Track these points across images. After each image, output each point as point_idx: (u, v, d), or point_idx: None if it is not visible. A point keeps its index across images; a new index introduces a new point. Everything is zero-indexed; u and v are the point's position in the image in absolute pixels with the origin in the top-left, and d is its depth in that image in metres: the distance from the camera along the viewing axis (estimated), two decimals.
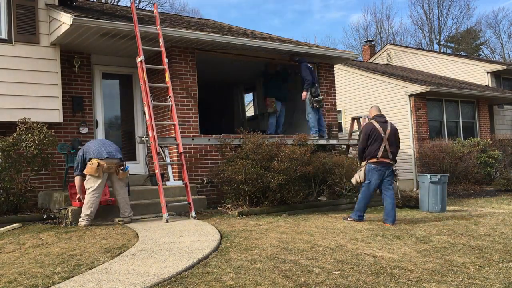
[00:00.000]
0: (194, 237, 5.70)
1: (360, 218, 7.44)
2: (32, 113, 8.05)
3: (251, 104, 16.65)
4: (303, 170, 8.52)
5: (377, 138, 7.39)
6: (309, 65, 10.66)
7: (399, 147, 7.64)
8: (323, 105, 10.82)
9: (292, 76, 11.67)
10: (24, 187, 7.56)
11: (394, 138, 7.49)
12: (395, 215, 7.32)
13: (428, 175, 9.40)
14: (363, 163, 7.61)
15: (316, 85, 10.66)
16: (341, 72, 17.17)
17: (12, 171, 7.38)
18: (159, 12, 9.14)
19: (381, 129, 7.42)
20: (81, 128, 9.19)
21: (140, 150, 10.02)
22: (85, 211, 6.75)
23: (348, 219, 7.50)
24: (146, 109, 7.93)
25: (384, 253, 5.20)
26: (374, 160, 7.40)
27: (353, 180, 7.89)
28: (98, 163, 6.76)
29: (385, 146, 7.37)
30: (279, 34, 21.70)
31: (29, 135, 7.42)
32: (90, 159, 6.85)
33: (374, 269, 4.54)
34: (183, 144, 8.24)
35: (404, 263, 4.80)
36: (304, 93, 10.47)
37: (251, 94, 15.20)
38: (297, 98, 12.16)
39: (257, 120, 13.76)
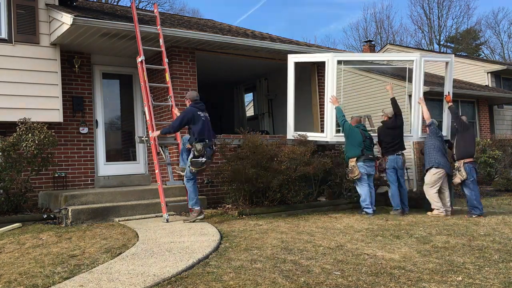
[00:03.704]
0: (194, 237, 5.70)
1: None
2: (32, 113, 8.04)
3: (251, 104, 16.65)
4: (303, 170, 8.52)
5: None
6: None
7: None
8: None
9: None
10: (24, 187, 7.56)
11: None
12: None
13: None
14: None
15: None
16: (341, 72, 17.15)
17: (12, 171, 7.38)
18: (159, 12, 9.14)
19: None
20: (81, 128, 9.19)
21: (140, 150, 10.02)
22: None
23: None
24: (146, 109, 7.94)
25: (384, 253, 5.20)
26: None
27: None
28: None
29: None
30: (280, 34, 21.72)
31: (29, 135, 7.41)
32: None
33: (374, 269, 4.54)
34: None
35: (404, 263, 4.80)
36: None
37: (251, 94, 15.20)
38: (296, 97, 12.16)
39: (257, 120, 13.76)
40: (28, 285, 3.97)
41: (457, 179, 8.39)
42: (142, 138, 8.29)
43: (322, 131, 11.07)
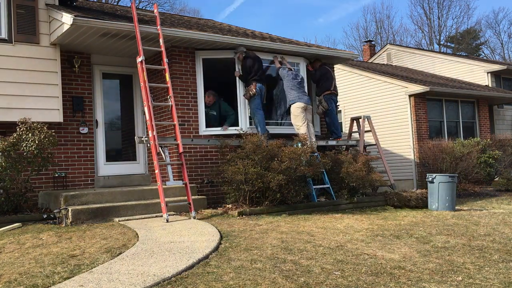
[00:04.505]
0: (194, 237, 5.70)
1: None
2: (32, 113, 8.04)
3: None
4: (303, 171, 8.51)
5: None
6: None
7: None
8: None
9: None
10: (24, 187, 7.56)
11: None
12: None
13: (440, 175, 9.68)
14: None
15: None
16: (341, 72, 17.16)
17: (12, 171, 7.38)
18: (159, 12, 9.14)
19: None
20: (81, 128, 9.19)
21: (141, 150, 10.02)
22: None
23: None
24: (146, 109, 7.93)
25: (384, 253, 5.20)
26: None
27: None
28: None
29: None
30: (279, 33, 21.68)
31: (30, 135, 7.41)
32: None
33: (374, 269, 4.54)
34: (183, 144, 8.24)
35: (404, 263, 4.80)
36: None
37: None
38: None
39: None
40: (28, 285, 3.97)
41: None
42: (142, 139, 8.29)
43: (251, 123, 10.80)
